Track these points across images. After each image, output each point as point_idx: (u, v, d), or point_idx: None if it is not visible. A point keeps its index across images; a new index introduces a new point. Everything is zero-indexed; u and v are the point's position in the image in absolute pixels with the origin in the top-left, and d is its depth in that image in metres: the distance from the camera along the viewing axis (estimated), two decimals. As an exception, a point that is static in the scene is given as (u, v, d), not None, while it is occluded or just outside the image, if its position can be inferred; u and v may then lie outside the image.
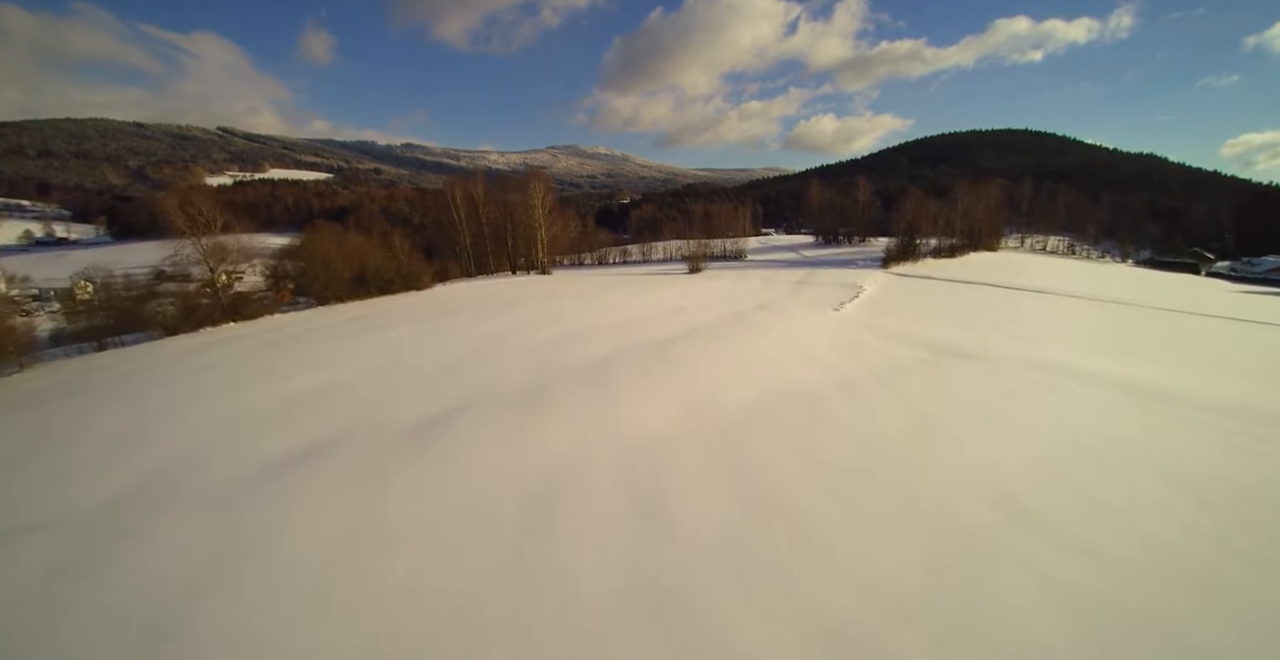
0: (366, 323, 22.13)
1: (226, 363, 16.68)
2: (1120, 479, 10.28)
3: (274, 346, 18.40)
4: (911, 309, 33.62)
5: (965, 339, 24.96)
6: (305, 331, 20.63)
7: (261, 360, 16.66)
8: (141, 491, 9.40)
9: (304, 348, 17.88)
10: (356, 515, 8.37)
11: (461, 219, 46.40)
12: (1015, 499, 9.33)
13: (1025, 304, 37.18)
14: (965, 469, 10.63)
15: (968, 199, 62.51)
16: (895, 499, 9.28)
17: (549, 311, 25.46)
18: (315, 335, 19.73)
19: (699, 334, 22.52)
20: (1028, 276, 52.05)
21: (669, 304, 29.61)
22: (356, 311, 25.24)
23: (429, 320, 22.42)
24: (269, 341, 19.12)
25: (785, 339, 22.47)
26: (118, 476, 9.92)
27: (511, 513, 8.57)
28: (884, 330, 26.07)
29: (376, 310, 25.62)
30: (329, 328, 21.22)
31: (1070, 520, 8.67)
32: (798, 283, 43.96)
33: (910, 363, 20.24)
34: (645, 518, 8.49)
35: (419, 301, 28.02)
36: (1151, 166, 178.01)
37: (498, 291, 32.77)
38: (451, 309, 25.45)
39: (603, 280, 42.68)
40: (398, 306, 26.69)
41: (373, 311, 25.23)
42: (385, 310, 25.69)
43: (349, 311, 25.27)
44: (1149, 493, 9.74)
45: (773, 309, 29.86)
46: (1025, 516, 8.79)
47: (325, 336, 19.62)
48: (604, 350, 19.09)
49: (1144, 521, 8.72)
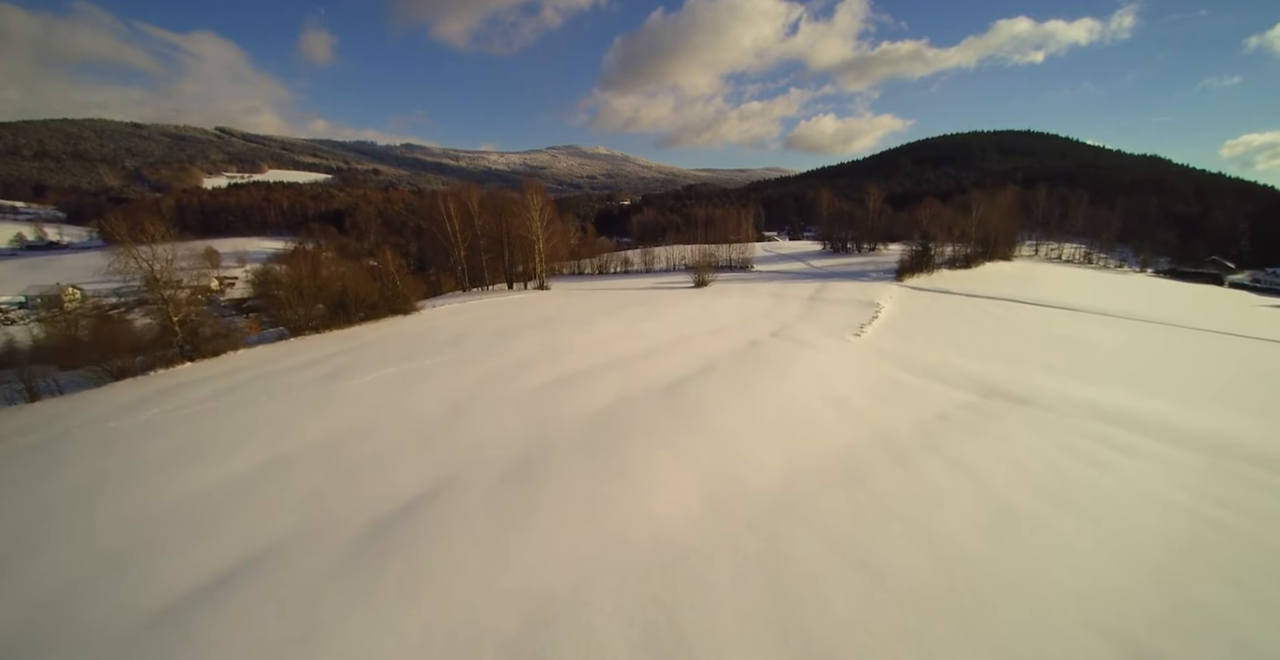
0: (338, 362, 19.60)
1: (159, 428, 14.15)
2: (1252, 596, 7.90)
3: (224, 399, 15.85)
4: (938, 332, 31.19)
5: (1008, 374, 22.53)
6: (265, 376, 18.03)
7: (202, 424, 14.11)
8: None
9: (257, 403, 15.33)
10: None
11: (455, 231, 43.92)
12: (1133, 638, 6.99)
13: (1059, 326, 34.75)
14: (1061, 589, 8.24)
15: (983, 207, 60.07)
16: (982, 643, 6.90)
17: (545, 344, 23.01)
18: (275, 382, 17.16)
19: (712, 372, 20.09)
20: (1050, 290, 49.64)
21: (676, 330, 27.18)
22: (331, 345, 22.61)
23: (409, 359, 19.93)
24: (220, 392, 16.56)
25: (809, 378, 20.04)
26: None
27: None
28: (915, 363, 23.63)
29: (353, 344, 23.00)
30: (294, 371, 18.68)
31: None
32: (810, 299, 41.52)
33: (955, 410, 17.81)
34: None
35: (402, 331, 25.38)
36: (1160, 170, 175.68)
37: (490, 316, 30.21)
38: (437, 343, 22.94)
39: (604, 297, 40.22)
40: (378, 338, 24.06)
41: (349, 345, 22.63)
42: (363, 343, 23.10)
43: (322, 345, 22.63)
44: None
45: (789, 336, 27.43)
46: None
47: (286, 384, 17.11)
48: (607, 399, 16.65)
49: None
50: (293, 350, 22.12)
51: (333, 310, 25.87)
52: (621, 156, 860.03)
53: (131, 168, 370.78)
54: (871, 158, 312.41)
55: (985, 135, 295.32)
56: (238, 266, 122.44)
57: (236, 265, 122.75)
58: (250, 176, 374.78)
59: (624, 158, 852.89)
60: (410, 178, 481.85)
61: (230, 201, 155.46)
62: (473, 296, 43.28)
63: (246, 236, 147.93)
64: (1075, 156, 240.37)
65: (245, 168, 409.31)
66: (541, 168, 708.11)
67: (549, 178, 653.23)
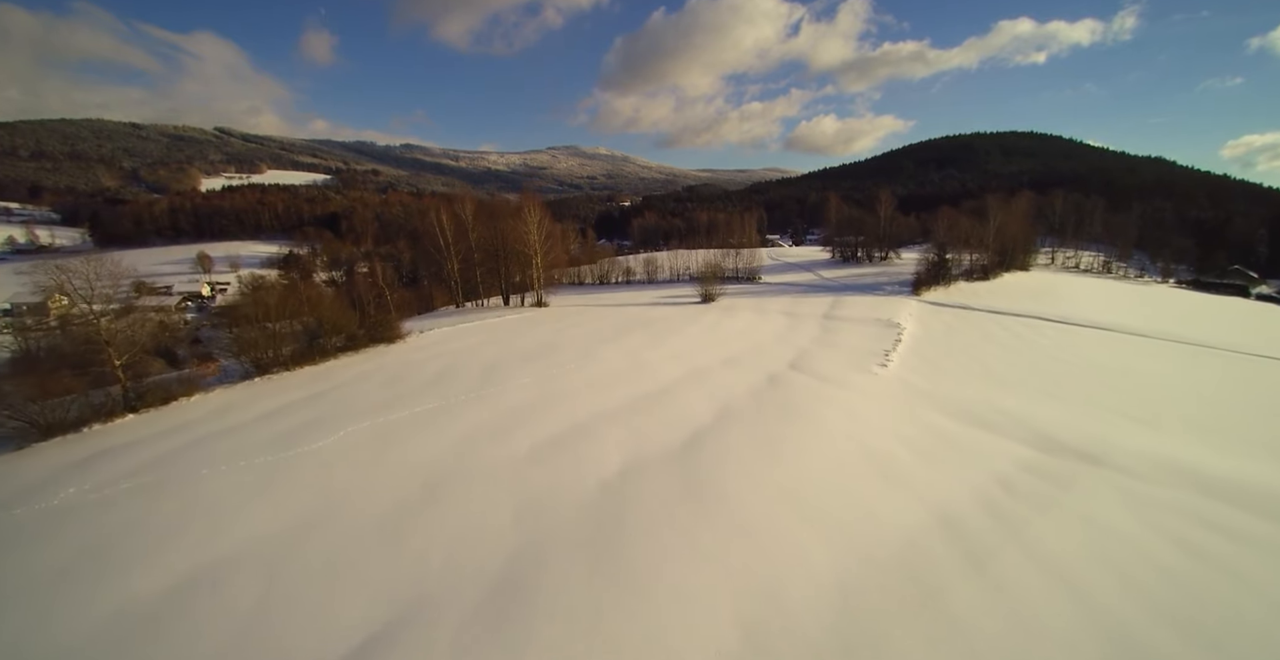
0: (302, 415, 16.93)
1: (70, 516, 11.38)
2: None
3: (158, 472, 13.11)
4: (969, 360, 28.67)
5: (1060, 417, 20.04)
6: (214, 437, 15.31)
7: (123, 512, 11.47)
8: None
9: (196, 478, 12.68)
10: None
11: (449, 244, 41.41)
12: None
13: (1094, 349, 32.25)
14: None
15: (1000, 215, 57.54)
16: None
17: (540, 385, 20.49)
18: (223, 446, 14.50)
19: (731, 422, 17.58)
20: (1075, 305, 47.08)
21: (686, 362, 24.66)
22: (299, 389, 19.81)
23: (384, 409, 17.17)
24: (155, 461, 13.84)
25: (842, 428, 17.52)
26: None
27: None
28: (954, 403, 21.13)
29: (324, 386, 20.31)
30: (249, 428, 16.02)
31: None
32: (824, 317, 39.00)
33: (1019, 474, 15.32)
34: None
35: (382, 367, 22.52)
36: (1169, 173, 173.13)
37: (481, 343, 27.56)
38: (418, 384, 20.35)
39: (605, 317, 37.66)
40: (354, 377, 21.35)
41: (319, 388, 19.91)
42: (335, 385, 20.44)
43: (290, 389, 19.79)
44: None
45: (809, 368, 24.90)
46: None
47: (236, 448, 14.42)
48: (612, 465, 14.14)
49: None
50: (255, 396, 19.49)
51: (305, 344, 23.22)
52: (622, 157, 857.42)
53: (129, 168, 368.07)
54: (874, 159, 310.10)
55: (988, 136, 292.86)
56: (231, 271, 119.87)
57: (229, 270, 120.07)
58: (249, 177, 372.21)
59: (624, 158, 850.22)
60: (410, 178, 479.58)
61: (224, 204, 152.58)
62: (466, 313, 40.73)
63: (241, 240, 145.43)
64: (1080, 158, 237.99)
65: (244, 168, 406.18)
66: (541, 168, 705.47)
67: (549, 178, 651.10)
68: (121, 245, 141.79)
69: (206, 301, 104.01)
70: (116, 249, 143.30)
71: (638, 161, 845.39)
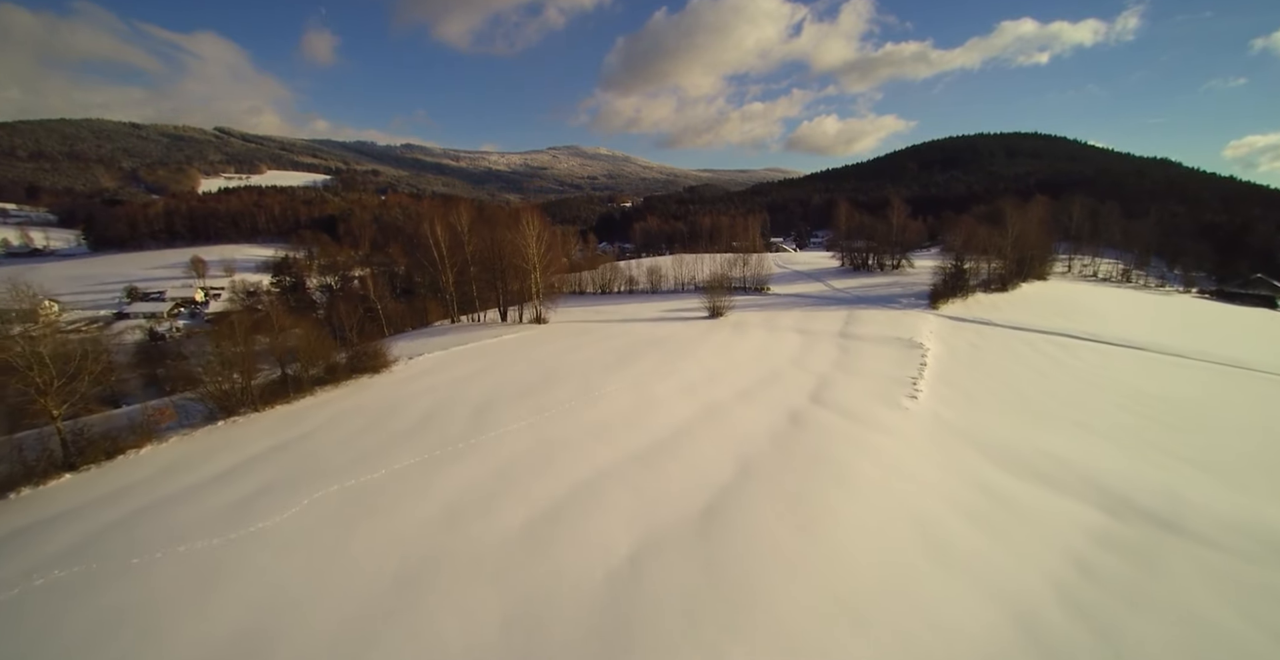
0: (262, 474, 14.52)
1: None
2: None
3: (77, 563, 10.37)
4: (1004, 388, 26.48)
5: (1122, 467, 17.88)
6: (154, 508, 12.74)
7: (29, 624, 9.33)
8: None
9: (123, 574, 10.33)
10: None
11: (443, 256, 39.28)
12: None
13: (1136, 375, 30.06)
14: None
15: (1019, 224, 55.31)
16: None
17: (536, 429, 18.30)
18: (162, 523, 12.07)
19: (754, 481, 15.40)
20: (1103, 320, 44.83)
21: (698, 395, 22.50)
22: (264, 437, 17.61)
23: (358, 466, 14.82)
24: (76, 547, 11.14)
25: (883, 491, 15.30)
26: None
27: None
28: (1001, 448, 18.95)
29: (293, 433, 17.92)
30: (198, 493, 13.55)
31: None
32: (840, 335, 36.80)
33: (1095, 554, 13.16)
34: None
35: (362, 406, 20.22)
36: (1179, 175, 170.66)
37: (475, 373, 25.17)
38: (400, 431, 18.13)
39: (608, 336, 35.39)
40: (328, 421, 18.89)
41: (287, 435, 17.40)
42: (305, 433, 18.05)
43: (254, 437, 17.39)
44: None
45: (833, 402, 22.72)
46: None
47: (177, 527, 11.97)
48: (619, 548, 11.99)
49: None
50: (214, 447, 17.27)
51: (278, 379, 21.03)
52: (622, 157, 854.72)
53: (128, 169, 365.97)
54: (877, 160, 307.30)
55: (991, 137, 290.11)
56: (226, 276, 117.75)
57: (224, 274, 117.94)
58: (248, 178, 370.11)
59: (625, 158, 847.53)
60: (410, 179, 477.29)
61: (220, 207, 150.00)
62: (461, 331, 38.56)
63: (236, 243, 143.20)
64: (1085, 160, 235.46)
65: (243, 168, 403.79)
66: (542, 168, 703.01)
67: (549, 178, 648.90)
68: (116, 248, 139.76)
69: (200, 307, 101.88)
70: (111, 252, 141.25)
71: (638, 162, 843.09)
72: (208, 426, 18.68)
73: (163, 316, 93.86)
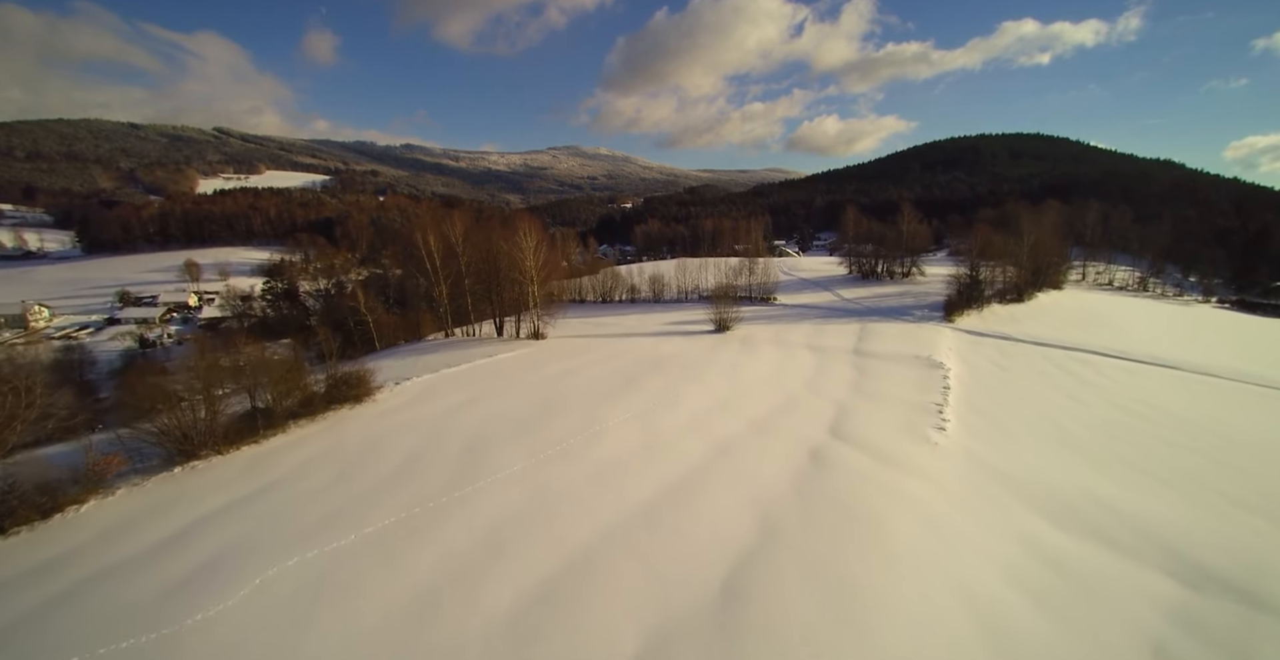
0: (215, 541, 12.34)
1: None
2: None
3: None
4: (1037, 417, 24.54)
5: (1188, 522, 15.96)
6: (84, 589, 11.35)
7: None
8: None
9: None
10: None
11: (436, 267, 37.36)
12: None
13: (1173, 398, 28.16)
14: None
15: (1034, 231, 53.38)
16: None
17: (531, 476, 16.37)
18: (86, 613, 10.06)
19: (779, 542, 13.50)
20: (1126, 334, 42.89)
21: (710, 431, 20.58)
22: (223, 489, 15.79)
23: (324, 529, 12.81)
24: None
25: (926, 559, 13.35)
26: None
27: None
28: (1048, 495, 17.00)
29: (256, 484, 15.42)
30: (134, 570, 11.75)
31: None
32: (855, 352, 34.83)
33: (1180, 642, 11.27)
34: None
35: (335, 450, 17.70)
36: (1187, 178, 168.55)
37: (466, 402, 22.88)
38: (376, 478, 16.09)
39: (609, 355, 33.37)
40: (297, 468, 16.45)
41: (248, 487, 15.73)
42: (270, 483, 15.73)
43: (211, 488, 15.83)
44: None
45: (856, 436, 20.78)
46: None
47: (99, 621, 9.56)
48: (624, 647, 10.03)
49: None
50: (165, 502, 15.25)
51: (244, 415, 19.03)
52: (622, 157, 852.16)
53: (126, 169, 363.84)
54: (879, 160, 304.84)
55: (994, 138, 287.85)
56: (220, 280, 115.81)
57: (218, 278, 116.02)
58: (246, 178, 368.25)
59: (625, 158, 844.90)
60: (410, 179, 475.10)
61: (215, 209, 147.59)
62: (454, 347, 36.60)
63: (232, 246, 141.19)
64: (1089, 161, 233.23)
65: (242, 169, 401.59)
66: (542, 169, 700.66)
67: (550, 178, 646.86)
68: (110, 251, 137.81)
69: (193, 312, 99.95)
70: (105, 255, 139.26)
71: (639, 162, 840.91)
72: (163, 473, 16.71)
73: (154, 322, 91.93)
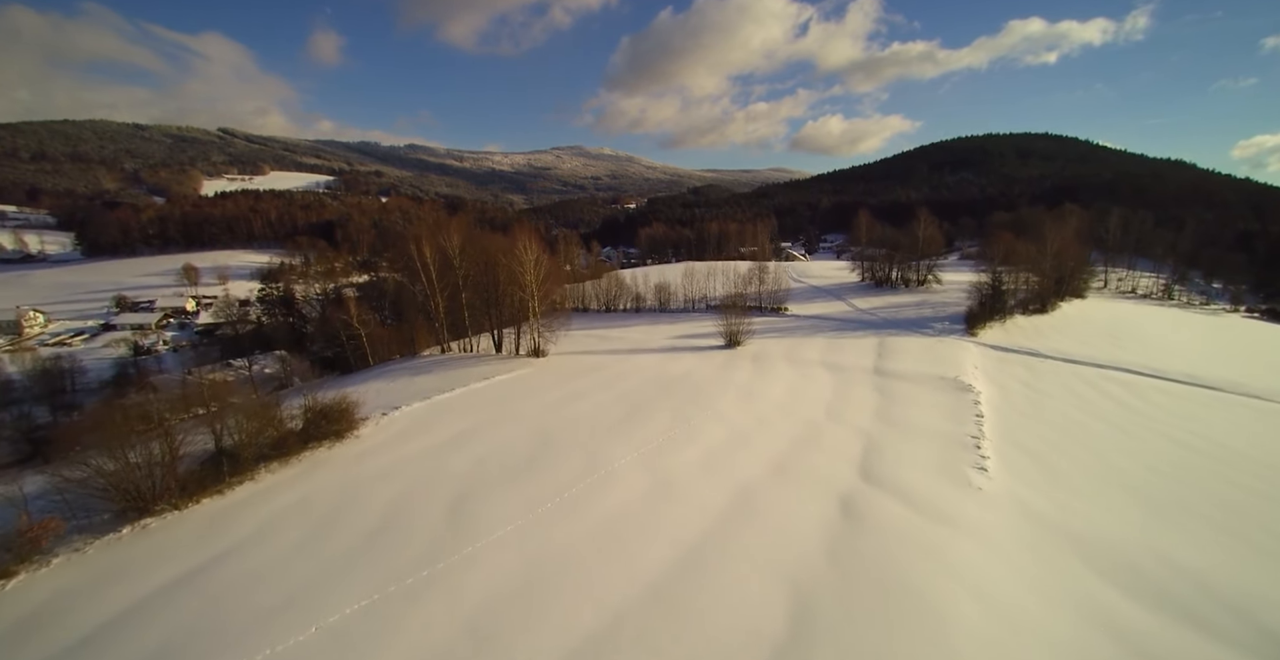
0: (139, 645, 10.66)
1: None
2: None
3: None
4: (1084, 452, 22.37)
5: (1268, 587, 13.80)
6: None
7: None
8: None
9: None
10: None
11: (432, 280, 35.43)
12: None
13: (1223, 426, 25.98)
14: None
15: (1057, 239, 51.10)
16: None
17: (526, 538, 14.36)
18: None
19: (816, 634, 11.45)
20: (1159, 349, 40.52)
21: (726, 473, 18.57)
22: (168, 559, 13.67)
23: (270, 628, 10.97)
24: None
25: (986, 654, 11.26)
26: None
27: None
28: (1115, 560, 14.83)
29: (209, 552, 13.74)
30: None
31: None
32: (875, 372, 32.69)
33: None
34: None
35: (306, 504, 15.98)
36: (1203, 179, 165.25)
37: (457, 440, 20.46)
38: (349, 542, 14.02)
39: (616, 377, 31.26)
40: (260, 528, 14.84)
41: (199, 556, 13.72)
42: (226, 551, 13.86)
43: (156, 558, 13.74)
44: None
45: (889, 480, 18.68)
46: None
47: None
48: None
49: None
50: (103, 577, 13.18)
51: (209, 462, 17.05)
52: (626, 157, 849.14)
53: (130, 170, 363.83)
54: (885, 161, 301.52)
55: (1001, 138, 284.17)
56: (219, 284, 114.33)
57: (217, 282, 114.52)
58: (250, 178, 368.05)
59: (628, 158, 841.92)
60: (413, 179, 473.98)
61: (215, 212, 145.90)
62: (449, 366, 34.61)
63: (232, 249, 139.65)
64: (1099, 161, 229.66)
65: (246, 170, 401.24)
66: (546, 169, 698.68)
67: (553, 178, 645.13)
68: (109, 254, 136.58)
69: (190, 318, 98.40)
70: (104, 259, 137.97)
71: (642, 162, 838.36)
72: (110, 536, 14.76)
73: (150, 328, 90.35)
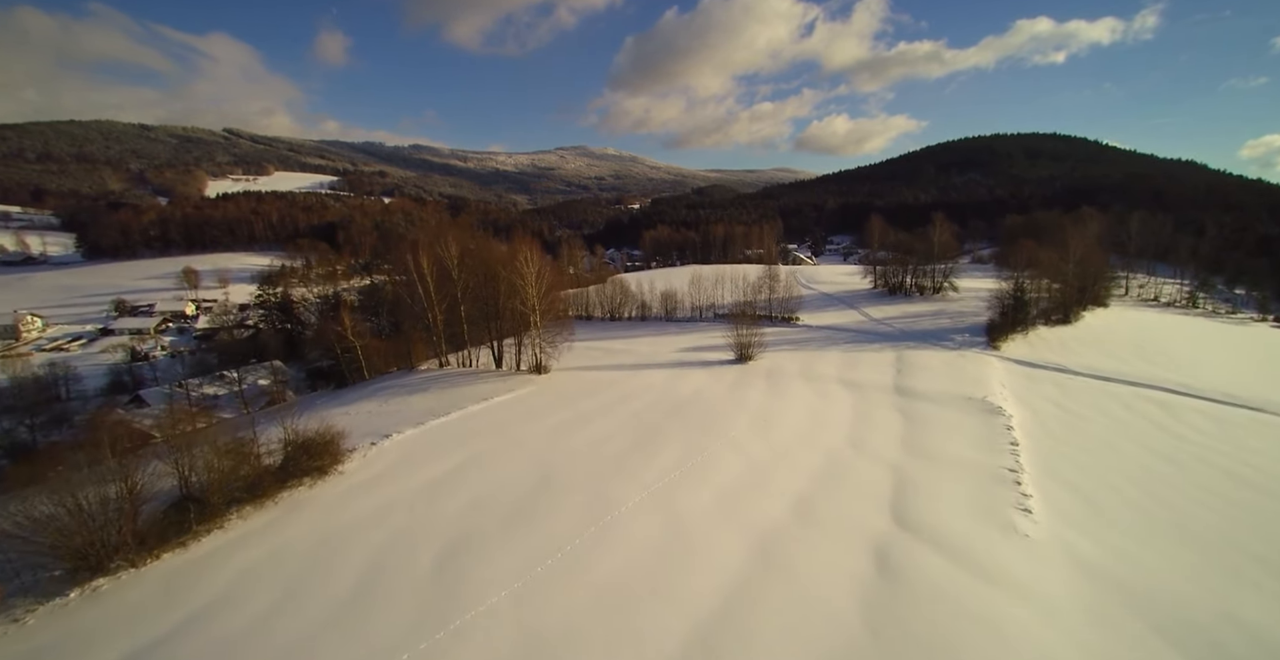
0: None
1: None
2: None
3: None
4: (1134, 491, 20.45)
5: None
6: None
7: None
8: None
9: None
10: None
11: (430, 292, 33.83)
12: None
13: (1273, 453, 24.06)
14: None
15: (1079, 244, 49.14)
16: None
17: (520, 613, 12.66)
18: None
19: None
20: (1191, 364, 38.44)
21: (744, 515, 16.90)
22: (113, 642, 11.84)
23: None
24: None
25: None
26: None
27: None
28: (1190, 629, 12.96)
29: (167, 620, 12.06)
30: None
31: None
32: (896, 391, 30.89)
33: None
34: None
35: (278, 558, 14.51)
36: (1219, 181, 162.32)
37: (450, 475, 18.51)
38: (323, 607, 12.20)
39: (621, 399, 29.50)
40: (225, 590, 13.29)
41: (156, 626, 12.12)
42: (178, 624, 12.17)
43: (99, 640, 11.96)
44: None
45: (925, 526, 16.90)
46: None
47: None
48: None
49: None
50: (43, 652, 11.73)
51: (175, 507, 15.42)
52: (630, 157, 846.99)
53: (135, 170, 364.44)
54: (891, 161, 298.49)
55: (1009, 138, 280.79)
56: (219, 287, 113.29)
57: (218, 286, 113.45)
58: (255, 179, 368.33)
59: (632, 158, 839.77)
60: (417, 179, 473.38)
61: (216, 214, 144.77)
62: (447, 384, 32.91)
63: (233, 252, 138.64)
64: (1109, 162, 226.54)
65: (251, 170, 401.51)
66: (549, 169, 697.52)
67: (557, 179, 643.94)
68: (110, 257, 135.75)
69: (189, 322, 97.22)
70: (105, 261, 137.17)
71: (646, 162, 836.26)
72: (56, 600, 13.14)
73: (149, 333, 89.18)
